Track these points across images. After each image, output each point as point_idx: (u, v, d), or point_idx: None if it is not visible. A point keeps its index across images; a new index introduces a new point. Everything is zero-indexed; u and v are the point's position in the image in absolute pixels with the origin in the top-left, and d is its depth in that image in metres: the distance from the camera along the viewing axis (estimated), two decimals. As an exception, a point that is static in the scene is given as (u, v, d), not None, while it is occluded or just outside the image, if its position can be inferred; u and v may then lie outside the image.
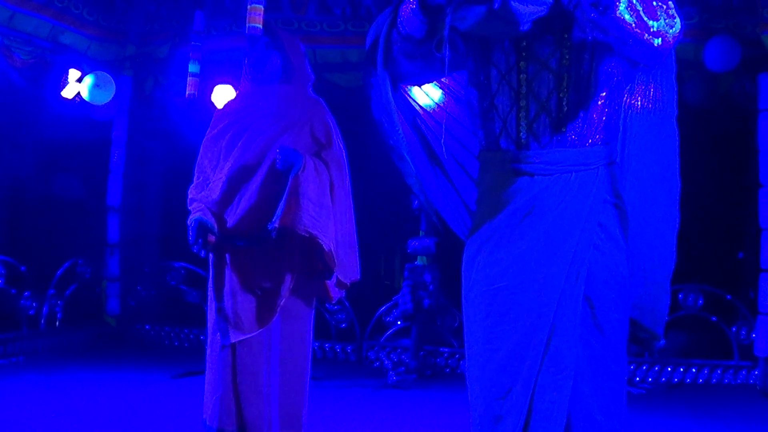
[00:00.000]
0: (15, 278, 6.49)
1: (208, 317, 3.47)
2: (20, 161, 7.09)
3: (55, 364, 5.87)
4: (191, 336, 7.05)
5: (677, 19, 1.88)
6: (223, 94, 6.44)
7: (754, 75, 5.77)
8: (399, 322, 6.38)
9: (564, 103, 2.01)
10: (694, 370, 5.95)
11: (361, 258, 3.55)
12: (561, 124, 2.02)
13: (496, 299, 2.02)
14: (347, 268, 3.45)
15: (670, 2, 1.89)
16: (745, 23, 5.73)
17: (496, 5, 1.84)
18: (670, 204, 2.17)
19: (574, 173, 2.01)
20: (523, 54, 2.03)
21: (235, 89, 6.19)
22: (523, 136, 2.05)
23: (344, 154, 3.46)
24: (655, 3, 1.84)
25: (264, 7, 3.36)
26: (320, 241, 3.24)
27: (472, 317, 2.09)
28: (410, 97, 2.30)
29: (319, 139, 3.42)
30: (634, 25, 1.81)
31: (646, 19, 1.81)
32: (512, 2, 1.89)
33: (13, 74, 6.08)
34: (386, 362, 6.23)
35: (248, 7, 3.43)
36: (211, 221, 3.31)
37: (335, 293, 3.54)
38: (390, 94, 2.17)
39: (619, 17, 1.81)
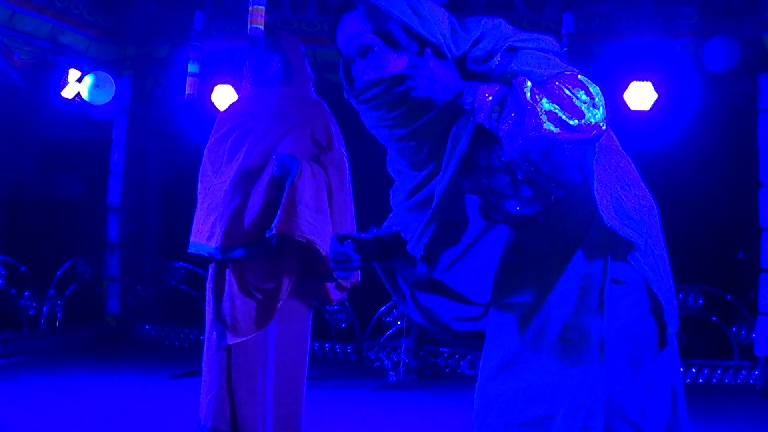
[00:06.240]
0: (15, 278, 6.50)
1: (206, 317, 3.48)
2: (20, 161, 7.07)
3: (55, 364, 5.86)
4: (191, 336, 7.06)
5: (599, 101, 1.75)
6: (223, 94, 6.44)
7: (754, 75, 5.79)
8: (399, 322, 6.39)
9: (532, 186, 2.01)
10: (694, 370, 5.95)
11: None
12: (540, 198, 2.02)
13: (504, 318, 2.06)
14: None
15: (587, 86, 1.77)
16: (745, 23, 5.73)
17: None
18: None
19: (574, 214, 2.01)
20: (472, 172, 2.03)
21: (235, 89, 6.20)
22: (519, 219, 2.07)
23: (345, 156, 3.47)
24: (576, 102, 1.73)
25: (265, 7, 3.36)
26: (317, 246, 3.25)
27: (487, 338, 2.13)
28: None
29: (319, 141, 3.42)
30: (565, 133, 1.73)
31: (574, 123, 1.73)
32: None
33: (13, 74, 6.09)
34: (386, 362, 6.23)
35: (250, 8, 3.44)
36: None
37: (335, 295, 3.54)
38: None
39: (546, 133, 1.72)
